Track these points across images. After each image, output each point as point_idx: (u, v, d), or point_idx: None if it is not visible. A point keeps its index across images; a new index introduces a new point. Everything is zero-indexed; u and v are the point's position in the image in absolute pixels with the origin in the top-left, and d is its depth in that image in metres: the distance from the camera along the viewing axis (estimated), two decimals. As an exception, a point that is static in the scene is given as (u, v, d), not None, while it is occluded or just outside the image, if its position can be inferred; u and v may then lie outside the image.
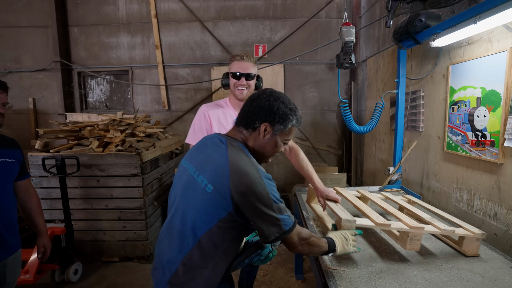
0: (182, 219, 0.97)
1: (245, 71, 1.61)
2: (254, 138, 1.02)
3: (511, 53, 1.46)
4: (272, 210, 0.92)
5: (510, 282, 1.07)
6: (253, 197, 0.90)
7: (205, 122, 1.64)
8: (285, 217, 0.94)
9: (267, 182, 0.93)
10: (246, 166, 0.93)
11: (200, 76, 3.93)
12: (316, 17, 3.78)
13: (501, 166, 1.53)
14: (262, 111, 0.99)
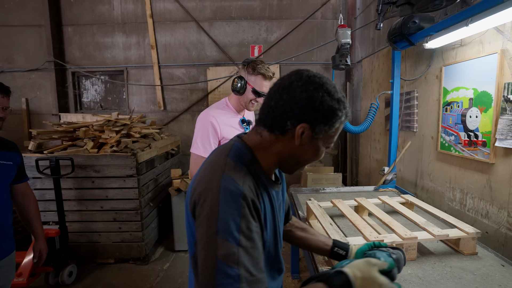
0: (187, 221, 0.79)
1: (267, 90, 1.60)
2: (283, 144, 0.70)
3: (501, 55, 1.49)
4: (209, 245, 0.58)
5: (500, 279, 1.09)
6: (197, 211, 0.64)
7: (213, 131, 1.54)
8: (231, 272, 0.56)
9: (225, 197, 0.61)
10: (213, 166, 0.68)
11: (196, 77, 3.93)
12: (311, 18, 3.80)
13: (493, 165, 1.56)
14: (297, 107, 0.66)
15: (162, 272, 2.65)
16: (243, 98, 1.59)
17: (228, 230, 0.58)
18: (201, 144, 1.56)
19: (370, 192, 2.32)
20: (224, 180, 0.63)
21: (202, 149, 1.56)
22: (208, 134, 1.54)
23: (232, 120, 1.65)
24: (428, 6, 0.79)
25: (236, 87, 1.56)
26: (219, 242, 0.57)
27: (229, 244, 0.57)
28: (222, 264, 0.56)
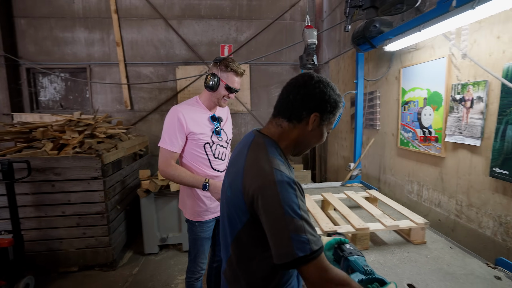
0: (222, 222, 0.95)
1: (238, 87, 1.64)
2: (298, 131, 0.88)
3: (449, 59, 1.64)
4: (281, 225, 0.73)
5: (449, 259, 1.22)
6: (260, 203, 0.76)
7: (179, 125, 1.56)
8: (302, 238, 0.72)
9: (282, 187, 0.75)
10: (261, 165, 0.80)
11: (164, 75, 3.83)
12: (280, 19, 3.88)
13: (444, 159, 1.72)
14: (313, 100, 0.85)
15: (131, 277, 2.55)
16: (216, 95, 1.61)
17: (292, 210, 0.73)
18: (168, 138, 1.57)
19: (338, 187, 2.43)
20: (276, 173, 0.77)
21: (169, 143, 1.57)
22: (174, 129, 1.56)
23: (201, 116, 1.65)
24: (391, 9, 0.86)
25: (209, 84, 1.59)
26: (288, 220, 0.72)
27: (295, 219, 0.73)
28: (294, 235, 0.72)
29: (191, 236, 1.72)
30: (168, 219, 2.85)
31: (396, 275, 1.13)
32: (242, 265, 0.89)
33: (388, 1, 0.81)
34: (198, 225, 1.69)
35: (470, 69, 1.52)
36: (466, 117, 1.53)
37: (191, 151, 1.64)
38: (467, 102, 1.53)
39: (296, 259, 0.71)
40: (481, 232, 1.48)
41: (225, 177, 0.97)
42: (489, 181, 1.43)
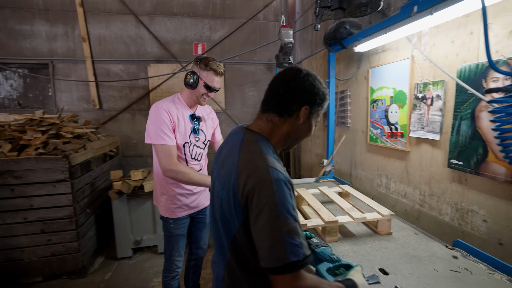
0: (215, 226, 0.91)
1: (217, 87, 1.64)
2: (289, 125, 0.87)
3: (412, 60, 1.77)
4: (276, 225, 0.70)
5: (414, 244, 1.33)
6: (255, 202, 0.73)
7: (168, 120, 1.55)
8: (296, 242, 0.69)
9: (278, 186, 0.73)
10: (256, 163, 0.77)
11: (135, 73, 3.69)
12: (254, 19, 3.92)
13: (408, 153, 1.85)
14: (303, 94, 0.85)
15: (103, 283, 2.44)
16: (195, 92, 1.62)
17: (287, 210, 0.71)
18: (162, 133, 1.54)
19: (312, 183, 2.51)
20: (272, 172, 0.74)
21: (165, 138, 1.54)
22: (165, 123, 1.54)
23: (183, 114, 1.65)
24: (356, 11, 0.92)
25: (188, 81, 1.60)
26: (282, 222, 0.69)
27: (289, 221, 0.70)
28: (288, 237, 0.69)
29: (166, 233, 1.71)
30: (142, 220, 2.76)
31: (368, 261, 1.21)
32: (242, 270, 0.85)
33: (354, 3, 0.87)
34: (172, 221, 1.67)
35: (430, 69, 1.65)
36: (427, 114, 1.66)
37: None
38: (428, 100, 1.66)
39: (288, 264, 0.67)
40: (441, 218, 1.62)
41: (215, 178, 0.93)
42: (447, 172, 1.56)
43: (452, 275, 1.11)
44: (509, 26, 1.24)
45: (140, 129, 3.75)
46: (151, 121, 1.55)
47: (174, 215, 1.67)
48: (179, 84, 3.76)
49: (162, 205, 1.67)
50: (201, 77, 1.59)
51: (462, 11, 1.21)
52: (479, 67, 1.35)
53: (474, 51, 1.40)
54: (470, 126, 1.40)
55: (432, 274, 1.12)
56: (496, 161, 1.29)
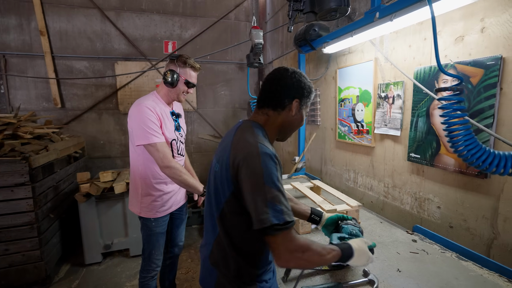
0: (209, 201, 0.99)
1: (195, 82, 1.69)
2: (283, 117, 0.99)
3: (375, 62, 1.91)
4: (261, 192, 0.79)
5: (380, 232, 1.45)
6: (244, 171, 0.82)
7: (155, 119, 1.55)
8: (277, 207, 0.79)
9: (265, 159, 0.82)
10: (246, 139, 0.88)
11: (101, 71, 3.52)
12: (225, 18, 3.92)
13: (373, 148, 1.99)
14: (292, 89, 0.97)
15: (70, 292, 2.31)
16: (176, 90, 1.65)
17: (272, 180, 0.80)
18: (153, 132, 1.53)
19: (285, 179, 2.60)
20: (260, 147, 0.84)
21: (158, 136, 1.54)
22: (153, 121, 1.54)
23: (165, 112, 1.67)
24: (327, 15, 0.99)
25: (168, 80, 1.62)
26: (267, 189, 0.79)
27: (273, 190, 0.80)
28: (271, 204, 0.78)
29: (146, 233, 1.67)
30: (112, 223, 2.65)
31: (339, 249, 1.30)
32: (229, 244, 0.92)
33: (325, 8, 0.94)
34: (153, 220, 1.66)
35: (391, 71, 1.80)
36: (389, 112, 1.81)
37: None
38: (390, 99, 1.80)
39: (271, 225, 0.77)
40: (402, 208, 1.77)
41: (214, 157, 1.04)
42: (407, 165, 1.72)
43: (411, 256, 1.23)
44: (455, 34, 1.40)
45: (107, 129, 3.59)
46: (138, 122, 1.52)
47: (157, 215, 1.65)
48: (149, 82, 3.65)
49: (145, 206, 1.64)
50: (181, 75, 1.62)
51: (417, 19, 1.34)
52: (432, 70, 1.51)
53: (428, 55, 1.55)
54: (425, 123, 1.56)
55: (395, 257, 1.23)
56: (447, 154, 1.45)
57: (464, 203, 1.40)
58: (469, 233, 1.38)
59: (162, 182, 1.65)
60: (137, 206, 1.66)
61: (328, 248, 0.88)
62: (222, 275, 0.95)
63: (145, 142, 1.50)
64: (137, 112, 1.53)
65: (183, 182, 1.57)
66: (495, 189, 1.26)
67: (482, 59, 1.27)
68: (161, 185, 1.66)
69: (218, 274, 0.96)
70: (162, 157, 1.51)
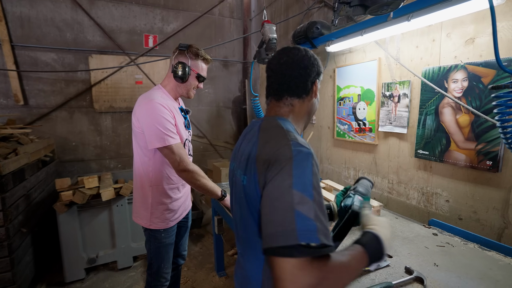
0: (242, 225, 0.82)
1: (206, 76, 1.56)
2: (308, 102, 0.88)
3: (379, 61, 1.96)
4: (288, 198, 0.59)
5: (400, 227, 1.48)
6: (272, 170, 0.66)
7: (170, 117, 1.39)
8: (308, 222, 0.56)
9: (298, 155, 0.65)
10: (276, 139, 0.72)
11: (73, 65, 3.16)
12: (210, 14, 3.77)
13: (377, 146, 2.04)
14: (313, 70, 0.86)
15: (50, 315, 2.02)
16: (186, 85, 1.50)
17: (303, 183, 0.61)
18: (170, 132, 1.37)
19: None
20: (293, 144, 0.68)
21: (175, 136, 1.38)
22: (169, 120, 1.38)
23: (176, 108, 1.51)
24: (378, 10, 0.96)
25: (178, 74, 1.45)
26: (296, 194, 0.59)
27: (305, 197, 0.59)
28: (300, 216, 0.57)
29: (154, 245, 1.51)
30: (97, 234, 2.38)
31: (370, 247, 1.29)
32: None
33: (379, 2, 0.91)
34: (163, 231, 1.50)
35: (397, 70, 1.85)
36: (394, 110, 1.86)
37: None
38: (395, 98, 1.86)
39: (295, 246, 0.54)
40: (408, 203, 1.84)
41: (235, 167, 0.88)
42: (414, 161, 1.78)
43: (440, 250, 1.27)
44: (466, 36, 1.47)
45: (80, 129, 3.23)
46: (151, 121, 1.34)
47: (166, 226, 1.49)
48: (128, 79, 3.37)
49: (156, 217, 1.47)
50: (192, 68, 1.47)
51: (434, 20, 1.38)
52: (441, 70, 1.58)
53: (436, 56, 1.62)
54: (434, 120, 1.63)
55: (425, 251, 1.26)
56: (457, 150, 1.53)
57: (474, 196, 1.49)
58: (479, 224, 1.47)
59: (175, 187, 1.51)
60: (146, 218, 1.48)
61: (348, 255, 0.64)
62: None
63: (161, 144, 1.33)
64: (149, 110, 1.36)
65: (201, 187, 1.44)
66: (506, 182, 1.35)
67: (494, 61, 1.35)
68: (174, 191, 1.52)
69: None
70: (180, 160, 1.37)
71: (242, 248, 0.87)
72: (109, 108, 3.29)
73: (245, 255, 0.84)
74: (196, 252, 2.79)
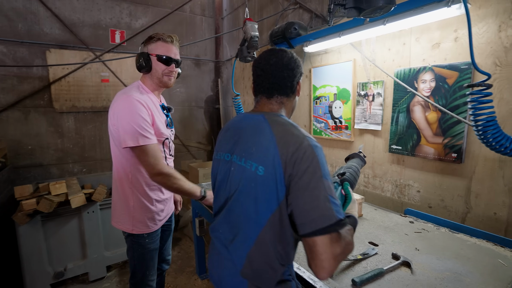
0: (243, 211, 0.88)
1: (175, 57, 1.41)
2: (292, 101, 1.00)
3: (354, 62, 2.07)
4: (321, 187, 0.74)
5: (380, 218, 1.59)
6: (302, 167, 0.76)
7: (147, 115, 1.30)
8: (337, 202, 0.75)
9: (318, 151, 0.79)
10: (293, 133, 0.83)
11: (27, 59, 2.85)
12: (180, 10, 3.66)
13: (353, 142, 2.16)
14: (297, 71, 0.97)
15: None
16: (154, 74, 1.39)
17: (327, 174, 0.78)
18: (145, 131, 1.26)
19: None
20: (309, 139, 0.82)
21: (151, 137, 1.28)
22: (145, 118, 1.28)
23: (155, 104, 1.41)
24: (372, 13, 1.02)
25: (140, 64, 1.37)
26: (326, 184, 0.75)
27: (331, 184, 0.77)
28: (332, 198, 0.75)
29: (137, 252, 1.42)
30: (65, 245, 2.17)
31: (357, 238, 1.36)
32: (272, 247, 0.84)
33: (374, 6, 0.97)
34: (147, 236, 1.42)
35: (370, 71, 1.97)
36: (369, 109, 1.99)
37: None
38: (369, 97, 1.98)
39: (336, 222, 0.71)
40: (383, 195, 1.97)
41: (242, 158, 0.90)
42: (388, 156, 1.92)
43: (417, 235, 1.39)
44: (433, 41, 1.62)
45: (37, 131, 2.92)
46: (127, 119, 1.24)
47: (152, 228, 1.41)
48: (92, 76, 3.13)
49: (139, 221, 1.38)
50: (151, 53, 1.36)
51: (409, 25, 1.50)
52: (411, 71, 1.72)
53: (407, 58, 1.76)
54: (406, 118, 1.77)
55: (406, 238, 1.36)
56: (427, 144, 1.68)
57: (441, 185, 1.65)
58: (446, 210, 1.63)
59: (157, 188, 1.43)
60: (129, 223, 1.38)
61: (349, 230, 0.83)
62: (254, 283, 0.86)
63: (134, 143, 1.24)
64: (125, 106, 1.26)
65: (179, 190, 1.35)
66: (468, 172, 1.52)
67: (457, 64, 1.51)
68: (157, 193, 1.44)
69: (249, 282, 0.87)
70: (154, 162, 1.26)
71: (231, 234, 0.92)
72: (72, 107, 3.03)
73: (234, 240, 0.90)
74: (175, 256, 2.69)
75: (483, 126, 0.98)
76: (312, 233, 0.72)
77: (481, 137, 1.01)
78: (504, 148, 0.97)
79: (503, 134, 0.97)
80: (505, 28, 1.33)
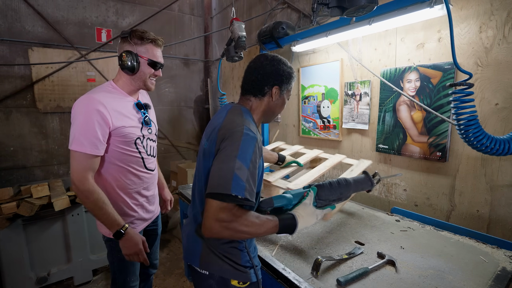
0: (199, 178, 1.03)
1: (162, 61, 1.38)
2: (265, 103, 1.07)
3: (342, 62, 2.08)
4: (232, 164, 0.83)
5: (367, 217, 1.59)
6: (225, 143, 0.90)
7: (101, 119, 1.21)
8: (241, 183, 0.81)
9: (246, 138, 0.89)
10: (235, 120, 0.96)
11: (8, 58, 2.76)
12: (169, 9, 3.61)
13: (341, 142, 2.17)
14: (271, 77, 1.04)
15: None
16: (140, 76, 1.33)
17: (244, 158, 0.86)
18: (86, 139, 1.18)
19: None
20: (246, 129, 0.92)
21: (88, 146, 1.19)
22: (94, 126, 1.19)
23: (126, 104, 1.34)
24: (354, 12, 1.02)
25: (127, 64, 1.28)
26: (237, 163, 0.84)
27: (243, 166, 0.84)
28: (237, 177, 0.83)
29: (117, 257, 1.37)
30: (49, 249, 2.11)
31: (343, 237, 1.37)
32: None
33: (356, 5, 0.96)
34: None
35: (357, 71, 1.99)
36: (357, 108, 2.00)
37: (117, 150, 1.31)
38: (357, 96, 1.99)
39: (228, 194, 0.80)
40: (370, 194, 1.98)
41: (203, 136, 1.07)
42: (375, 155, 1.93)
43: (403, 234, 1.40)
44: (417, 41, 1.64)
45: (20, 132, 2.84)
46: (76, 121, 1.19)
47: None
48: (78, 76, 3.06)
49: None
50: (141, 54, 1.29)
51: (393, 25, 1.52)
52: (397, 71, 1.73)
53: (392, 58, 1.78)
54: (392, 117, 1.78)
55: (392, 236, 1.37)
56: (412, 143, 1.70)
57: (427, 184, 1.67)
58: (431, 208, 1.66)
59: (134, 191, 1.38)
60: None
61: (264, 218, 0.91)
62: (207, 243, 1.00)
63: (69, 145, 1.19)
64: (79, 107, 1.21)
65: (97, 210, 1.21)
66: (452, 170, 1.54)
67: (441, 64, 1.53)
68: (135, 195, 1.40)
69: (203, 242, 1.00)
70: (78, 171, 1.18)
71: (194, 199, 1.09)
72: (57, 108, 2.96)
73: (194, 204, 1.08)
74: (163, 258, 2.66)
75: (465, 125, 1.00)
76: (207, 194, 0.84)
77: (463, 136, 1.02)
78: (485, 147, 0.98)
79: (484, 133, 0.98)
80: (486, 29, 1.35)
